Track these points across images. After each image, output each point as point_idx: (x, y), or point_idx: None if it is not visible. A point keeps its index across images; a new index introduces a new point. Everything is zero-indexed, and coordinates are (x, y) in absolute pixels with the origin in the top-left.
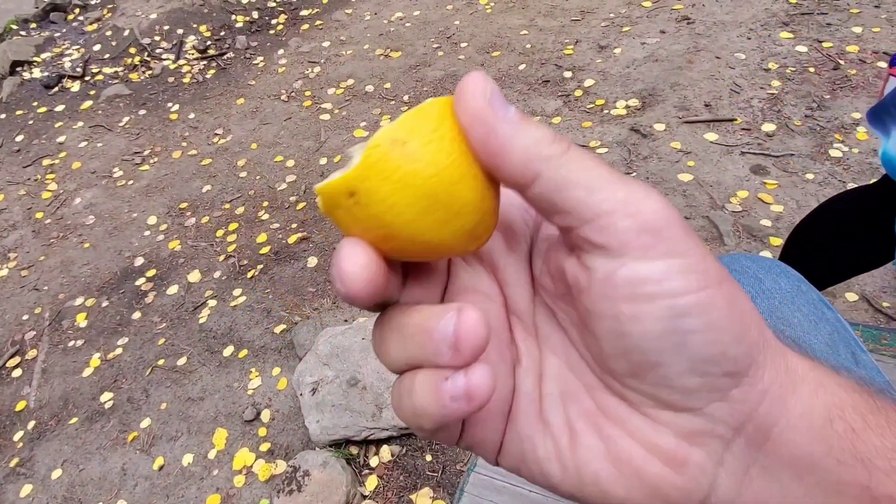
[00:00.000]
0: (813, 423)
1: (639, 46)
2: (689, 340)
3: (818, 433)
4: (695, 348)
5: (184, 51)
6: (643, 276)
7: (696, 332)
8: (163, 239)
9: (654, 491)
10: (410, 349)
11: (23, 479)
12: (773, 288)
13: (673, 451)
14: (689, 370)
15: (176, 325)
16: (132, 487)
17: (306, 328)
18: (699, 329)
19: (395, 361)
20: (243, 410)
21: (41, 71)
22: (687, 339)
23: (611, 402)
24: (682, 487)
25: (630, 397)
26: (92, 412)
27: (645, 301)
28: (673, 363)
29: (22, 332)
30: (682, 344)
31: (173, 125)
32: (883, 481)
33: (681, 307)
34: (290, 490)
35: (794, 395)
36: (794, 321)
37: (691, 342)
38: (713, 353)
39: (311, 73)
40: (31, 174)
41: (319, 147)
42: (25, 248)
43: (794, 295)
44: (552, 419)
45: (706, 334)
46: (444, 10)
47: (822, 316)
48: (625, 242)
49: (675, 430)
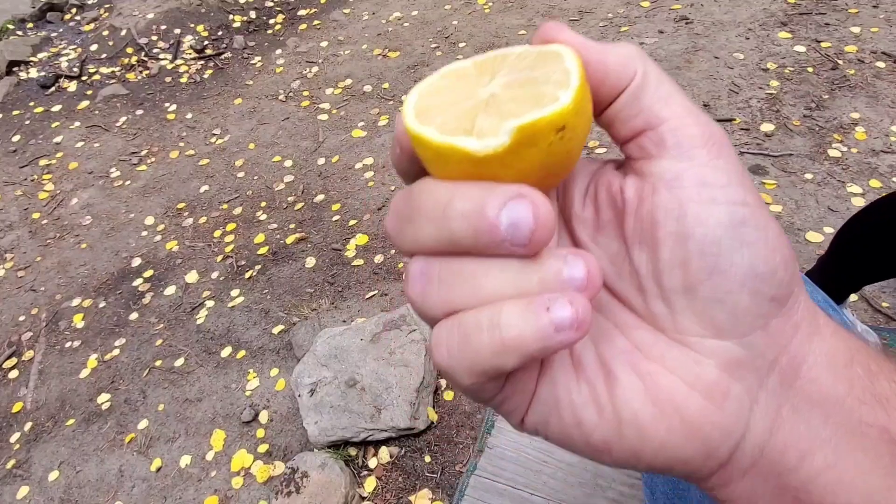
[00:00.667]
0: (837, 362)
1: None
2: (746, 251)
3: (841, 372)
4: (751, 260)
5: (181, 51)
6: (709, 179)
7: (753, 244)
8: (160, 239)
9: (695, 428)
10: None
11: (19, 480)
12: None
13: (714, 384)
14: (742, 284)
15: (173, 326)
16: (129, 489)
17: (304, 329)
18: (756, 241)
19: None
20: (241, 411)
21: (38, 71)
22: (745, 250)
23: (648, 337)
24: (722, 424)
25: (675, 324)
26: (89, 413)
27: (710, 203)
28: (729, 271)
29: (19, 333)
30: (739, 254)
31: (171, 125)
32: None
33: (742, 215)
34: (288, 492)
35: (819, 335)
36: None
37: (749, 253)
38: (765, 271)
39: (309, 73)
40: (28, 174)
41: (317, 147)
42: (22, 249)
43: None
44: (585, 362)
45: (761, 249)
46: (442, 10)
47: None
48: (694, 147)
49: (716, 360)
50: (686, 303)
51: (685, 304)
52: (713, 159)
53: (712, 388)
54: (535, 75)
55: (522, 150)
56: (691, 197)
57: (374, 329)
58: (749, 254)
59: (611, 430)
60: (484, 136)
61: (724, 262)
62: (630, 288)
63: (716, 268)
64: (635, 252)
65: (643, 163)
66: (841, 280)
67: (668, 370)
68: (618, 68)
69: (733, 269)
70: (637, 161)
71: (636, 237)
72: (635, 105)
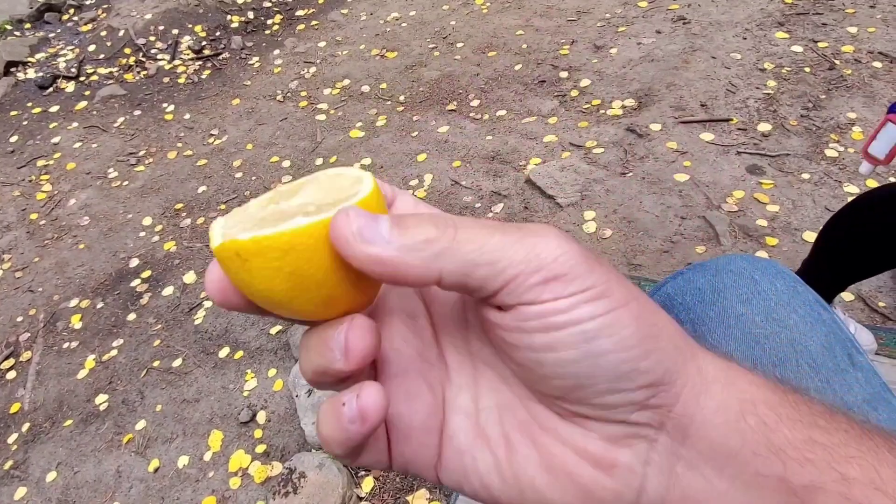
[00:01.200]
0: (727, 418)
1: (635, 46)
2: (601, 361)
3: (732, 426)
4: (608, 368)
5: (179, 51)
6: (552, 308)
7: (607, 353)
8: (158, 240)
9: (588, 494)
10: (315, 360)
11: (17, 481)
12: (768, 289)
13: (601, 455)
14: (607, 389)
15: (171, 327)
16: (127, 490)
17: (302, 329)
18: (610, 349)
19: (307, 373)
20: (239, 412)
21: (35, 71)
22: (600, 361)
23: (542, 412)
24: (613, 489)
25: (558, 411)
26: (87, 414)
27: (555, 330)
28: (590, 384)
29: (16, 334)
30: (595, 365)
31: (168, 126)
32: (797, 472)
33: (590, 331)
34: (285, 492)
35: (707, 394)
36: (790, 323)
37: (604, 363)
38: (626, 370)
39: (307, 73)
40: (26, 175)
41: (315, 147)
42: (20, 250)
43: (790, 296)
44: (489, 432)
45: (617, 353)
46: (440, 10)
47: (818, 317)
48: (536, 296)
49: (601, 435)
50: (560, 403)
51: (559, 404)
52: (553, 291)
53: (599, 459)
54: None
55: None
56: (537, 328)
57: None
58: (606, 362)
59: (513, 495)
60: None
61: (583, 379)
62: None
63: (576, 385)
64: (508, 363)
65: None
66: (826, 280)
67: (560, 441)
68: (415, 273)
69: (592, 381)
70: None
71: (504, 356)
72: (463, 288)
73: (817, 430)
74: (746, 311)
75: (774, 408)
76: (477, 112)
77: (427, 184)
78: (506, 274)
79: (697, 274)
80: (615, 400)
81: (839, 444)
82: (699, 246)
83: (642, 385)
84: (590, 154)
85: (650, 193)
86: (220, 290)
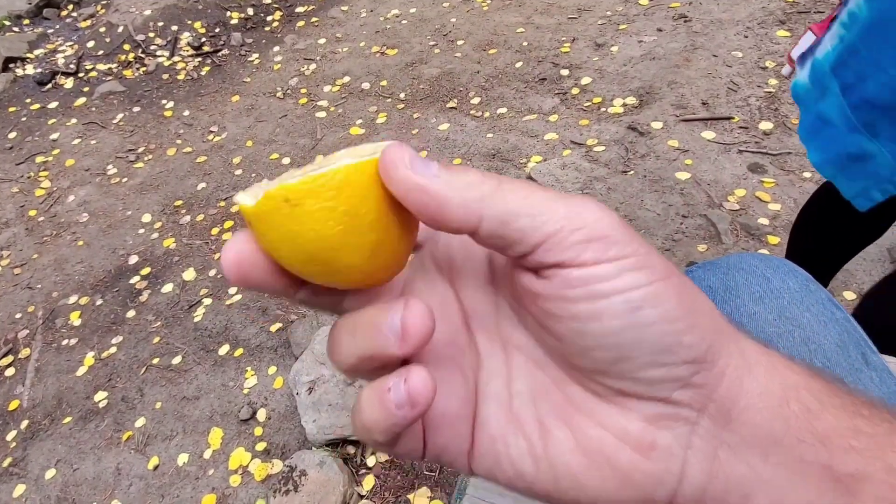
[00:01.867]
0: (770, 403)
1: (636, 44)
2: (646, 333)
3: (776, 412)
4: (652, 340)
5: (178, 48)
6: (596, 275)
7: (652, 324)
8: (157, 237)
9: (626, 478)
10: (362, 345)
11: (16, 479)
12: (781, 287)
13: (641, 436)
14: (650, 362)
15: (171, 324)
16: (127, 487)
17: (302, 327)
18: (654, 321)
19: (347, 359)
20: (239, 410)
21: (34, 67)
22: (644, 332)
23: (579, 394)
24: (653, 473)
25: (597, 390)
26: (86, 411)
27: (601, 298)
28: (633, 356)
29: (15, 331)
30: (640, 337)
31: (168, 122)
32: (843, 460)
33: (635, 300)
34: (286, 490)
35: (750, 377)
36: (803, 321)
37: (648, 334)
38: (670, 343)
39: (307, 70)
40: (24, 171)
41: (315, 145)
42: (18, 246)
43: (803, 294)
44: (523, 417)
45: (661, 325)
46: (441, 7)
47: (831, 316)
48: (577, 254)
49: (641, 415)
50: (600, 378)
51: (599, 380)
52: (597, 255)
53: (639, 441)
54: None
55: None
56: (582, 297)
57: None
58: (650, 333)
59: (549, 482)
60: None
61: (626, 351)
62: (555, 356)
63: (619, 356)
64: (546, 338)
65: (534, 274)
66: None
67: (598, 424)
68: (458, 215)
69: (636, 353)
70: (530, 271)
71: (544, 328)
72: (501, 241)
73: (861, 420)
74: (759, 310)
75: (817, 395)
76: (477, 110)
77: None
78: (546, 228)
79: (708, 272)
80: (658, 374)
81: (883, 433)
82: (701, 244)
83: (686, 360)
84: (591, 152)
85: (651, 192)
86: (239, 262)
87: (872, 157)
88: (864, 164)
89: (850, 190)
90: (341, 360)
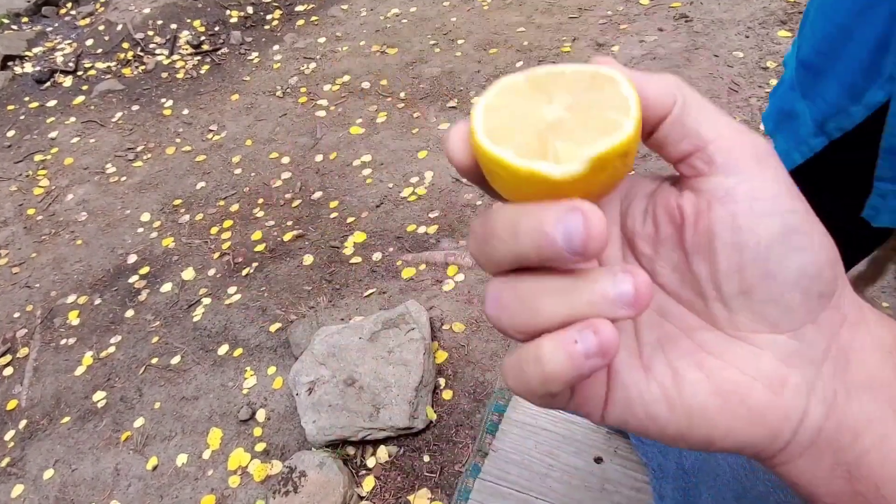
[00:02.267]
0: (883, 349)
1: (637, 44)
2: (796, 256)
3: (887, 358)
4: (800, 263)
5: (177, 46)
6: (760, 192)
7: (802, 249)
8: (156, 236)
9: (758, 415)
10: (578, 308)
11: (14, 479)
12: None
13: (773, 373)
14: (794, 285)
15: (170, 324)
16: (125, 488)
17: (302, 327)
18: (805, 246)
19: (549, 322)
20: (238, 410)
21: (33, 65)
22: (795, 255)
23: (710, 337)
24: (783, 410)
25: (733, 322)
26: (84, 411)
27: (761, 215)
28: (781, 275)
29: (13, 330)
30: (789, 258)
31: (167, 121)
32: None
33: (791, 224)
34: (286, 491)
35: (864, 324)
36: None
37: (798, 257)
38: (813, 271)
39: (307, 69)
40: (23, 170)
41: (315, 144)
42: (17, 245)
43: None
44: (654, 364)
45: (810, 252)
46: (441, 6)
47: None
48: (742, 163)
49: (773, 352)
50: (743, 304)
51: (742, 305)
52: (761, 172)
53: (772, 378)
54: (596, 99)
55: (594, 174)
56: (743, 210)
57: (372, 327)
58: (798, 258)
59: (682, 422)
60: (561, 161)
61: (776, 267)
62: (691, 293)
63: (768, 273)
64: (695, 261)
65: (696, 180)
66: None
67: (730, 364)
68: (658, 98)
69: (784, 272)
70: (690, 178)
71: (695, 248)
72: (680, 130)
73: None
74: None
75: None
76: None
77: (428, 181)
78: (722, 130)
79: None
80: (798, 300)
81: None
82: None
83: (821, 293)
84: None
85: None
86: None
87: (798, 116)
88: (792, 121)
89: (778, 147)
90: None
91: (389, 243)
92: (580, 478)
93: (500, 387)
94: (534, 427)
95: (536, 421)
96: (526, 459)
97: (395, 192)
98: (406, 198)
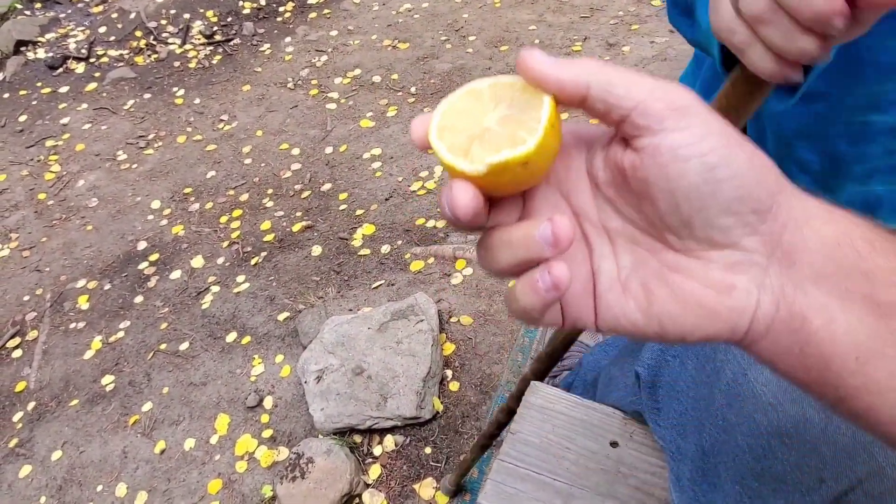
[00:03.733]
0: (826, 247)
1: (648, 45)
2: (720, 187)
3: (829, 254)
4: (726, 192)
5: (190, 36)
6: (679, 143)
7: (725, 180)
8: (166, 224)
9: (714, 314)
10: (519, 253)
11: (22, 459)
12: None
13: (722, 279)
14: (725, 210)
15: (178, 310)
16: (133, 470)
17: (310, 316)
18: (727, 177)
19: (506, 266)
20: (246, 397)
21: (46, 51)
22: (719, 186)
23: (671, 257)
24: (735, 307)
25: (685, 246)
26: (93, 395)
27: (683, 161)
28: (711, 206)
29: (23, 313)
30: (716, 190)
31: (178, 110)
32: (885, 292)
33: (710, 162)
34: (293, 476)
35: (808, 226)
36: None
37: (722, 188)
38: (741, 195)
39: (318, 61)
40: (34, 155)
41: (325, 136)
42: (27, 229)
43: None
44: (630, 284)
45: (733, 181)
46: (453, 2)
47: None
48: (660, 120)
49: (721, 264)
50: (687, 232)
51: (687, 233)
52: (679, 124)
53: (720, 285)
54: (521, 118)
55: (495, 175)
56: (669, 161)
57: (381, 318)
58: (724, 188)
59: (656, 327)
60: (472, 162)
61: (706, 201)
62: (648, 226)
63: (701, 206)
64: (642, 204)
65: (631, 140)
66: None
67: (688, 278)
68: (570, 82)
69: (714, 202)
70: (628, 139)
71: (639, 195)
72: (603, 105)
73: None
74: None
75: (870, 240)
76: None
77: (437, 175)
78: (637, 95)
79: None
80: (730, 221)
81: None
82: None
83: (754, 210)
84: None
85: None
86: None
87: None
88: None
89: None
90: (498, 267)
91: (398, 236)
92: (596, 461)
93: (507, 380)
94: (551, 411)
95: (554, 405)
96: (543, 442)
97: (405, 185)
98: (415, 192)
